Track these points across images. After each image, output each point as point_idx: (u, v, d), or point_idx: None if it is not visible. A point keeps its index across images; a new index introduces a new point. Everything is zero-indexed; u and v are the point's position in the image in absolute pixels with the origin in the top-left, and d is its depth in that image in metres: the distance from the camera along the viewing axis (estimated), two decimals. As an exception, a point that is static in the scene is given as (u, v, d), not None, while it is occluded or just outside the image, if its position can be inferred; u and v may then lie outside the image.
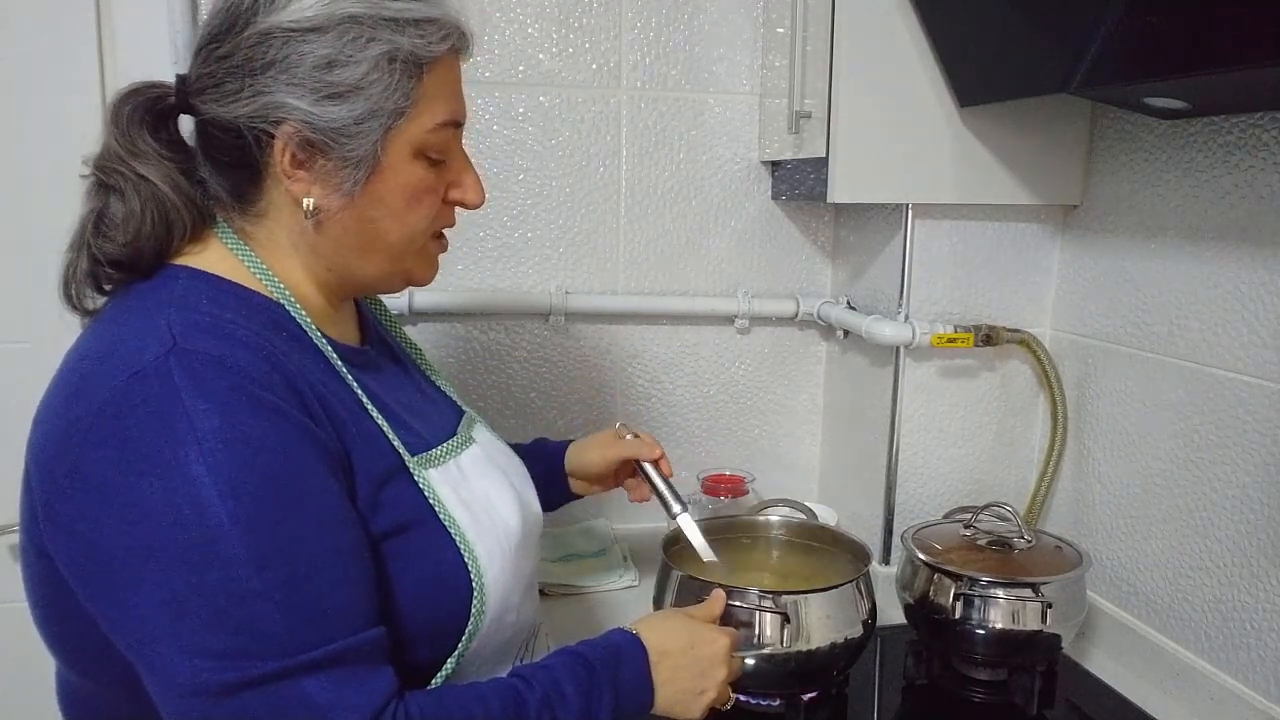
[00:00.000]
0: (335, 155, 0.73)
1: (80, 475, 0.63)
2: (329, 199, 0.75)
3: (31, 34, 1.25)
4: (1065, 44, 0.89)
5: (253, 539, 0.63)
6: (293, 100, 0.71)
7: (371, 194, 0.75)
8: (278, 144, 0.72)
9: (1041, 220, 1.30)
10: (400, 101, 0.73)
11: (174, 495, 0.62)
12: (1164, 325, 1.12)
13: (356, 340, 0.86)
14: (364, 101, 0.72)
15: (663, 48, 1.41)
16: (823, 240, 1.51)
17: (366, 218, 0.76)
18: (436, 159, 0.78)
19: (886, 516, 1.34)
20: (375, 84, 0.72)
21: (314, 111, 0.71)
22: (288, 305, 0.76)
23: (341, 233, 0.77)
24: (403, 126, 0.74)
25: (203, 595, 0.62)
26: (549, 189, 1.42)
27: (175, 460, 0.62)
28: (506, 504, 0.84)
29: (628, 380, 1.49)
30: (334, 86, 0.71)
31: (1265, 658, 0.99)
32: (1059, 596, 1.06)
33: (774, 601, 0.98)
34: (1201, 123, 1.05)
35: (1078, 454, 1.28)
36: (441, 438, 0.85)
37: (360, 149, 0.73)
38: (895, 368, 1.30)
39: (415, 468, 0.77)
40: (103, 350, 0.68)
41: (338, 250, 0.78)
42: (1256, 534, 1.00)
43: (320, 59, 0.71)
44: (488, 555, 0.78)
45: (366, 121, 0.72)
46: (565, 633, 1.24)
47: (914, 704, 1.12)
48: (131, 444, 0.63)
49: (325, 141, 0.72)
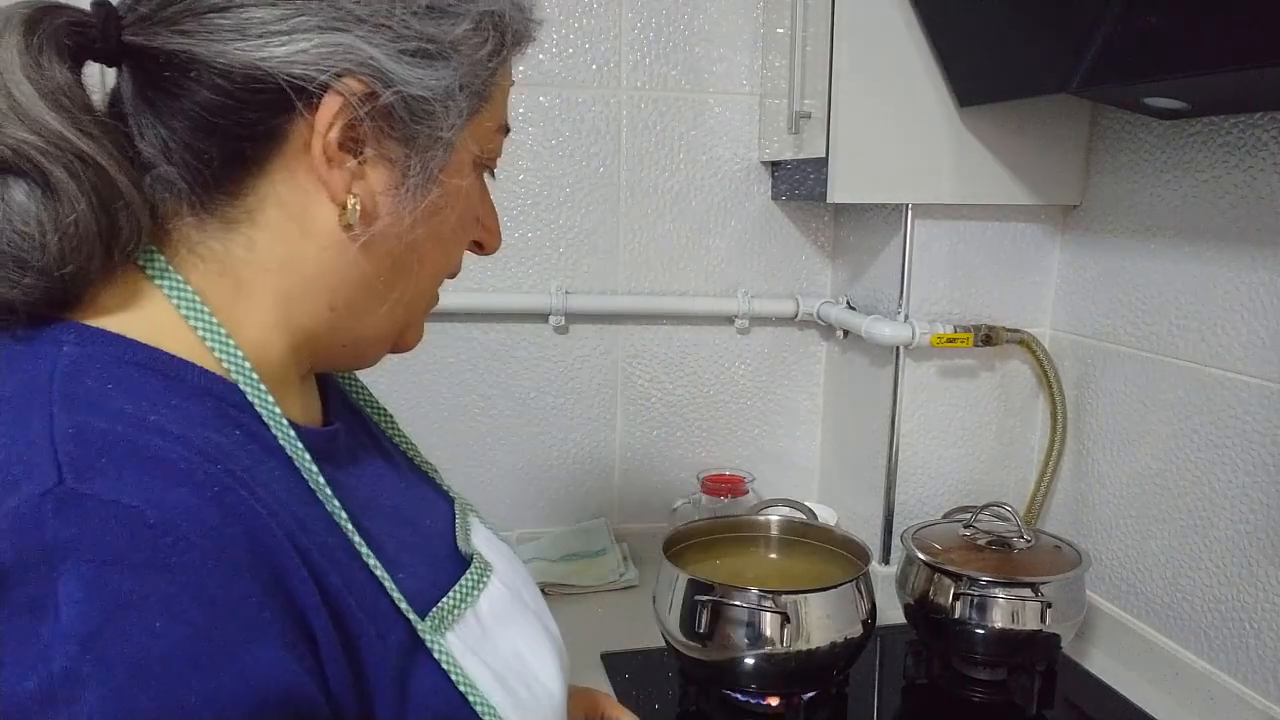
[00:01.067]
0: (411, 136, 0.52)
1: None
2: (382, 202, 0.53)
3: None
4: (1065, 44, 0.89)
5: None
6: (370, 48, 0.49)
7: (435, 203, 0.55)
8: (327, 107, 0.49)
9: (1041, 220, 1.30)
10: (486, 82, 0.55)
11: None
12: (1164, 325, 1.12)
13: (319, 419, 0.61)
14: (454, 70, 0.52)
15: (663, 48, 1.41)
16: (823, 240, 1.51)
17: (413, 240, 0.55)
18: (491, 174, 0.61)
19: (886, 516, 1.34)
20: (476, 49, 0.53)
21: (397, 70, 0.50)
22: (243, 381, 0.51)
23: (382, 256, 0.54)
24: (481, 117, 0.56)
25: None
26: (549, 189, 1.42)
27: (9, 692, 0.38)
28: (543, 660, 0.62)
29: (628, 380, 1.49)
30: (432, 41, 0.51)
31: (1265, 658, 0.99)
32: (1058, 596, 1.06)
33: (774, 601, 0.98)
34: (1201, 123, 1.05)
35: (1077, 454, 1.28)
36: (445, 569, 0.61)
37: (443, 134, 0.53)
38: (895, 368, 1.30)
39: (431, 637, 0.53)
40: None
41: (358, 284, 0.54)
42: (1256, 534, 1.00)
43: (422, 1, 0.51)
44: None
45: (454, 99, 0.53)
46: (565, 633, 1.24)
47: (914, 704, 1.13)
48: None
49: (404, 114, 0.51)
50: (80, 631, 0.38)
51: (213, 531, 0.42)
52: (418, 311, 0.61)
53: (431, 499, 0.69)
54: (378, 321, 0.57)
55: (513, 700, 0.57)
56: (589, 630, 1.25)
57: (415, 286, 0.58)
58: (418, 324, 0.62)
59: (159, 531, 0.41)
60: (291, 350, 0.55)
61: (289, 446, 0.51)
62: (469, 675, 0.54)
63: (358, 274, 0.54)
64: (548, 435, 1.48)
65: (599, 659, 1.17)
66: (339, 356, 0.59)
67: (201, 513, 0.42)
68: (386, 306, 0.56)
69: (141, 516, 0.41)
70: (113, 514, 0.40)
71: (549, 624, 0.67)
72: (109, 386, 0.46)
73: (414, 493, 0.68)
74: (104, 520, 0.40)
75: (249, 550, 0.43)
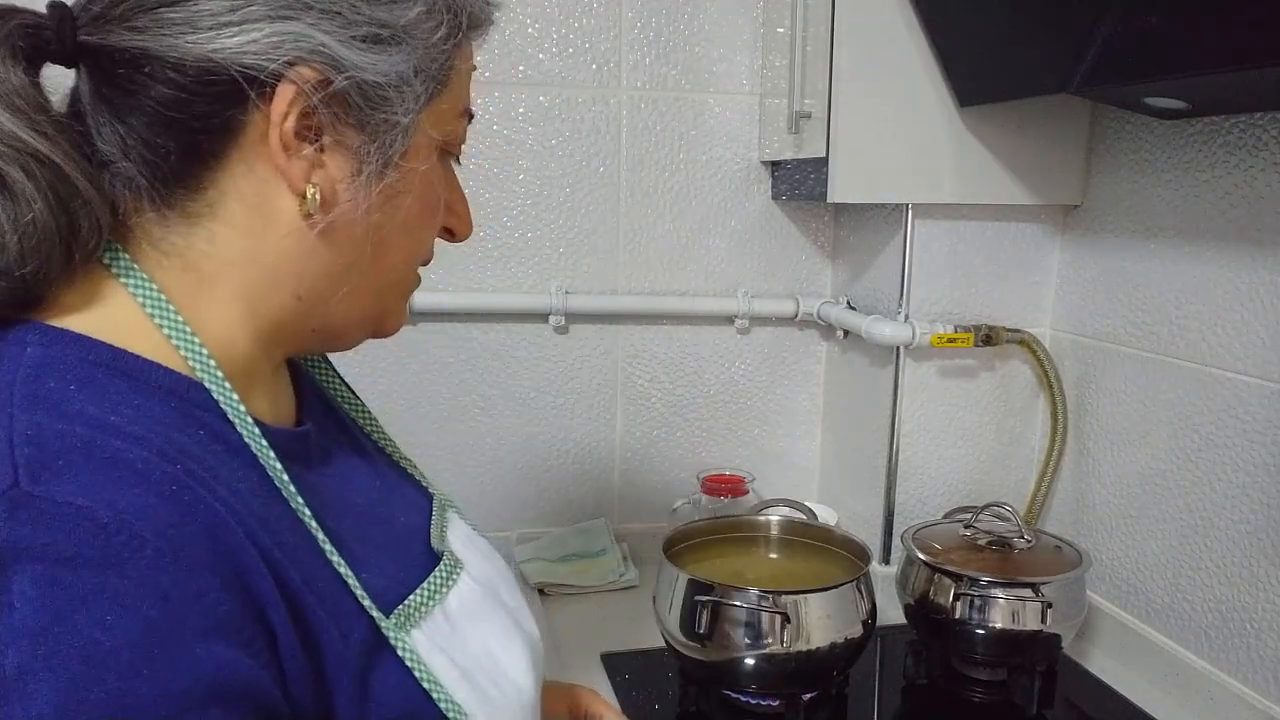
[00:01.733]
0: (367, 123, 0.52)
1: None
2: (340, 189, 0.53)
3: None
4: (1065, 44, 0.89)
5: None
6: (321, 35, 0.49)
7: (393, 190, 0.55)
8: (282, 96, 0.49)
9: (1041, 220, 1.30)
10: (443, 66, 0.55)
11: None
12: (1164, 325, 1.12)
13: (291, 416, 0.61)
14: (408, 55, 0.52)
15: (663, 48, 1.41)
16: (823, 240, 1.51)
17: (375, 226, 0.55)
18: (455, 160, 0.61)
19: (886, 516, 1.34)
20: (430, 33, 0.53)
21: (350, 56, 0.50)
22: (207, 380, 0.51)
23: (340, 243, 0.54)
24: (440, 102, 0.56)
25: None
26: (549, 189, 1.42)
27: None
28: (515, 657, 0.62)
29: (628, 380, 1.49)
30: (384, 26, 0.51)
31: (1265, 657, 0.99)
32: (1059, 596, 1.06)
33: (774, 601, 0.98)
34: (1201, 123, 1.05)
35: (1077, 454, 1.28)
36: (416, 566, 0.61)
37: (400, 119, 0.53)
38: (895, 368, 1.30)
39: (395, 635, 0.53)
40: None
41: (323, 272, 0.55)
42: (1256, 534, 1.00)
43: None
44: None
45: (409, 84, 0.53)
46: (565, 633, 1.24)
47: (914, 704, 1.12)
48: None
49: (358, 101, 0.51)
50: (32, 626, 0.39)
51: (169, 529, 0.42)
52: (391, 297, 0.60)
53: (408, 495, 0.69)
54: (346, 309, 0.57)
55: (479, 697, 0.57)
56: (589, 630, 1.25)
57: (382, 273, 0.57)
58: (396, 309, 0.61)
59: (112, 530, 0.41)
60: (259, 342, 0.55)
61: (254, 445, 0.52)
62: (434, 672, 0.54)
63: (321, 262, 0.54)
64: (548, 435, 1.48)
65: (599, 659, 1.17)
66: (309, 341, 0.59)
67: (157, 511, 0.42)
68: (353, 293, 0.56)
69: (94, 515, 0.41)
70: (66, 514, 0.41)
71: (524, 621, 0.66)
72: (71, 388, 0.46)
73: (389, 490, 0.67)
74: (56, 520, 0.41)
75: (208, 548, 0.43)
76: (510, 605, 0.66)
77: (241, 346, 0.54)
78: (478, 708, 0.56)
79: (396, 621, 0.55)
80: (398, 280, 0.60)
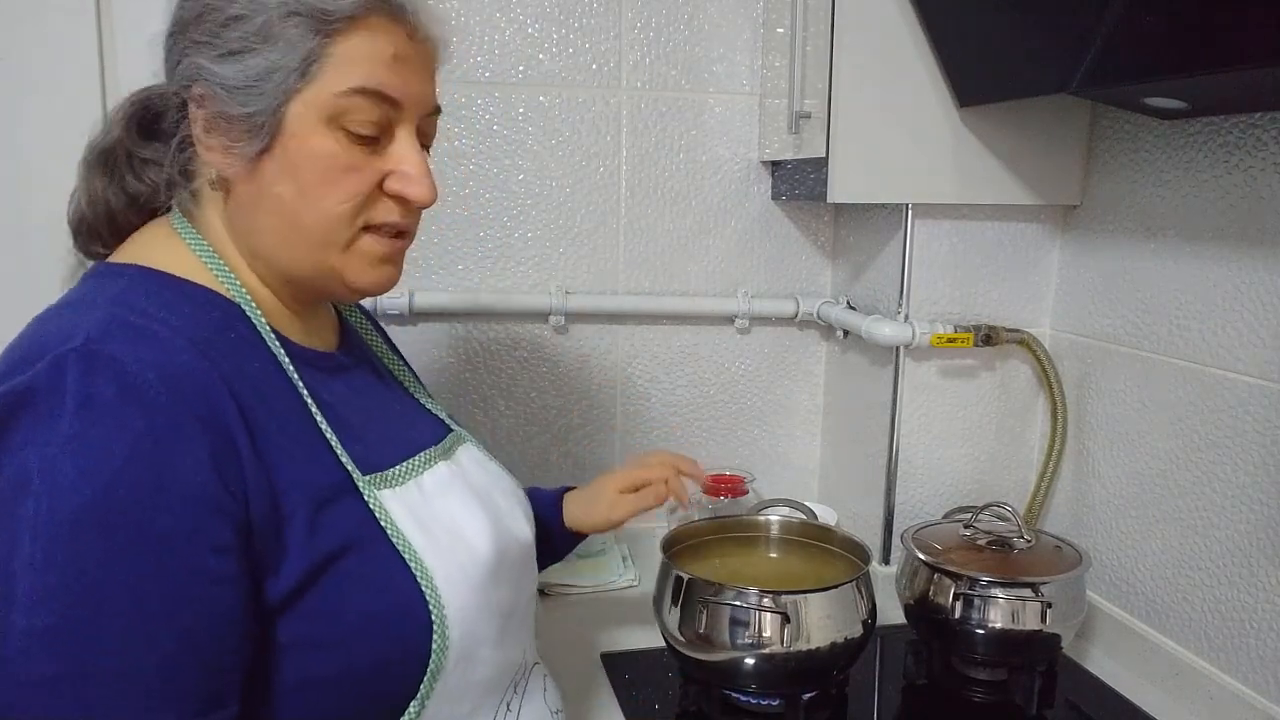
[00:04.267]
0: (236, 116, 0.69)
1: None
2: (233, 166, 0.71)
3: (32, 33, 1.25)
4: (1065, 44, 0.89)
5: (44, 565, 0.56)
6: (201, 59, 0.69)
7: (277, 164, 0.70)
8: (191, 108, 0.71)
9: (1041, 220, 1.30)
10: (303, 61, 0.68)
11: (4, 493, 0.58)
12: (1164, 325, 1.12)
13: (332, 346, 0.81)
14: (261, 58, 0.68)
15: (663, 48, 1.41)
16: (823, 240, 1.51)
17: (273, 194, 0.71)
18: (362, 134, 0.71)
19: (886, 516, 1.34)
20: (274, 39, 0.68)
21: (216, 70, 0.68)
22: (241, 302, 0.72)
23: (252, 209, 0.72)
24: (308, 89, 0.69)
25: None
26: (549, 189, 1.42)
27: (23, 459, 0.58)
28: (474, 526, 0.77)
29: (628, 380, 1.49)
30: (235, 42, 0.68)
31: (1265, 657, 0.99)
32: (1059, 596, 1.06)
33: (774, 601, 0.98)
34: (1201, 123, 1.05)
35: (1077, 454, 1.28)
36: (407, 456, 0.77)
37: (258, 108, 0.68)
38: (895, 368, 1.30)
39: (365, 487, 0.71)
40: (26, 346, 0.64)
41: (255, 232, 0.73)
42: (1256, 534, 1.00)
43: (225, 15, 0.68)
44: (448, 581, 0.71)
45: (264, 80, 0.68)
46: (565, 633, 1.24)
47: (914, 704, 1.12)
48: (4, 434, 0.59)
49: (226, 101, 0.69)
50: (65, 432, 0.58)
51: (169, 379, 0.62)
52: (333, 252, 0.73)
53: (426, 421, 0.86)
54: (295, 263, 0.73)
55: (431, 543, 0.72)
56: (589, 630, 1.25)
57: (307, 230, 0.72)
58: (351, 264, 0.74)
59: (132, 376, 0.61)
60: (275, 288, 0.75)
61: (271, 345, 0.72)
62: (392, 516, 0.71)
63: (248, 224, 0.73)
64: (548, 435, 1.48)
65: (599, 659, 1.17)
66: (305, 289, 0.77)
67: (164, 368, 0.62)
68: (293, 251, 0.73)
69: (123, 365, 0.61)
70: (107, 361, 0.61)
71: (496, 500, 0.83)
72: (142, 297, 0.68)
73: (408, 414, 0.86)
74: (100, 364, 0.61)
75: (195, 394, 0.62)
76: (499, 508, 0.82)
77: (264, 288, 0.75)
78: (427, 550, 0.71)
79: (371, 481, 0.72)
80: (327, 238, 0.72)
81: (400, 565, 0.69)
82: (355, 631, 0.67)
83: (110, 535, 0.57)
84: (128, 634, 0.57)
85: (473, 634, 0.73)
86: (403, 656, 0.69)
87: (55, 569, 0.56)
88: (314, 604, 0.66)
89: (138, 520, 0.58)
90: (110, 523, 0.57)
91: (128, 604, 0.58)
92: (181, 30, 0.71)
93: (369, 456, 0.73)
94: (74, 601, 0.56)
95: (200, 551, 0.60)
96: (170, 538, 0.59)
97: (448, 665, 0.71)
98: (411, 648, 0.69)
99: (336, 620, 0.66)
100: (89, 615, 0.57)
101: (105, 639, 0.57)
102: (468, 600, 0.72)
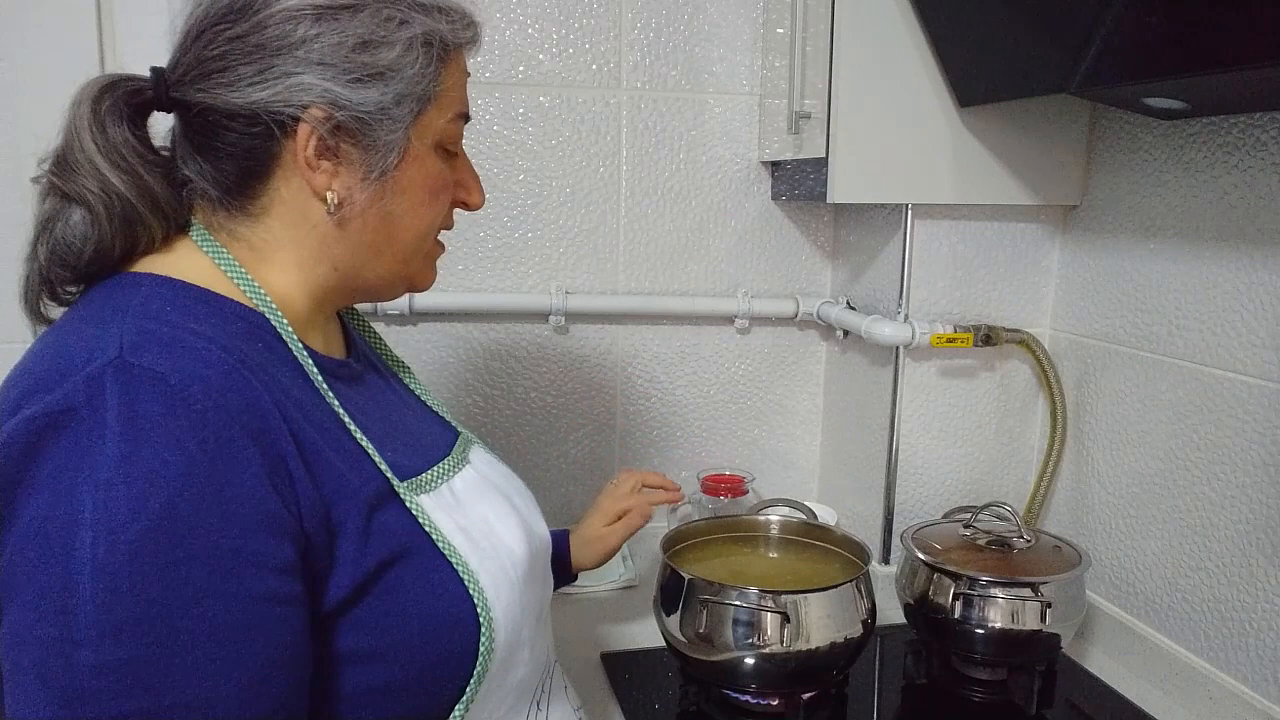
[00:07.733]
0: (365, 142, 0.70)
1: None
2: (354, 190, 0.71)
3: (32, 33, 1.25)
4: (1065, 44, 0.90)
5: (109, 600, 0.54)
6: (323, 82, 0.67)
7: (397, 186, 0.72)
8: (302, 130, 0.68)
9: (1041, 220, 1.30)
10: (429, 87, 0.71)
11: (51, 525, 0.55)
12: (1163, 325, 1.12)
13: (341, 354, 0.81)
14: (397, 84, 0.69)
15: (663, 48, 1.41)
16: (823, 240, 1.51)
17: (388, 213, 0.73)
18: (451, 152, 0.77)
19: (886, 516, 1.34)
20: (409, 66, 0.70)
21: (346, 94, 0.68)
22: (268, 313, 0.70)
23: (361, 228, 0.72)
24: (428, 115, 0.72)
25: (42, 648, 0.54)
26: (549, 189, 1.42)
27: (69, 487, 0.55)
28: (509, 528, 0.78)
29: (628, 380, 1.49)
30: (369, 68, 0.68)
31: (1265, 657, 0.99)
32: (1058, 596, 1.06)
33: (774, 601, 0.98)
34: (1201, 123, 1.05)
35: (1077, 454, 1.28)
36: (432, 461, 0.78)
37: (392, 135, 0.70)
38: (895, 368, 1.30)
39: (406, 493, 0.70)
40: (46, 364, 0.60)
41: (352, 249, 0.73)
42: (1256, 534, 1.00)
43: (355, 38, 0.68)
44: (493, 585, 0.71)
45: (399, 106, 0.70)
46: (565, 633, 1.24)
47: (914, 704, 1.13)
48: (38, 459, 0.56)
49: (356, 127, 0.69)
50: (114, 455, 0.56)
51: (214, 392, 0.59)
52: (416, 260, 0.77)
53: (434, 428, 0.86)
54: (378, 273, 0.76)
55: (474, 548, 0.72)
56: (589, 630, 1.25)
57: (401, 245, 0.75)
58: (424, 270, 0.79)
59: (177, 390, 0.58)
60: (311, 299, 0.74)
61: (299, 356, 0.70)
62: (435, 522, 0.71)
63: (347, 244, 0.73)
64: (548, 435, 1.48)
65: (599, 659, 1.17)
66: (357, 297, 0.78)
67: (208, 381, 0.60)
68: (381, 262, 0.75)
69: (165, 379, 0.58)
70: (148, 376, 0.58)
71: (517, 502, 0.83)
72: (169, 307, 0.65)
73: (419, 419, 0.86)
74: (141, 379, 0.58)
75: (241, 409, 0.60)
76: (520, 509, 0.83)
77: (299, 300, 0.73)
78: (470, 554, 0.71)
79: (409, 486, 0.71)
80: (416, 249, 0.77)
81: (449, 571, 0.69)
82: (408, 639, 0.66)
83: (174, 562, 0.55)
84: (204, 662, 0.56)
85: (515, 635, 0.74)
86: (453, 661, 0.69)
87: (122, 603, 0.54)
88: (365, 615, 0.65)
89: (201, 544, 0.56)
90: (173, 548, 0.55)
91: (201, 633, 0.56)
92: (288, 48, 0.67)
93: (400, 462, 0.72)
94: (144, 635, 0.55)
95: (266, 572, 0.59)
96: (235, 560, 0.57)
97: (493, 668, 0.71)
98: (461, 652, 0.69)
99: (389, 630, 0.66)
100: (162, 647, 0.55)
101: (182, 669, 0.55)
102: (511, 601, 0.73)
